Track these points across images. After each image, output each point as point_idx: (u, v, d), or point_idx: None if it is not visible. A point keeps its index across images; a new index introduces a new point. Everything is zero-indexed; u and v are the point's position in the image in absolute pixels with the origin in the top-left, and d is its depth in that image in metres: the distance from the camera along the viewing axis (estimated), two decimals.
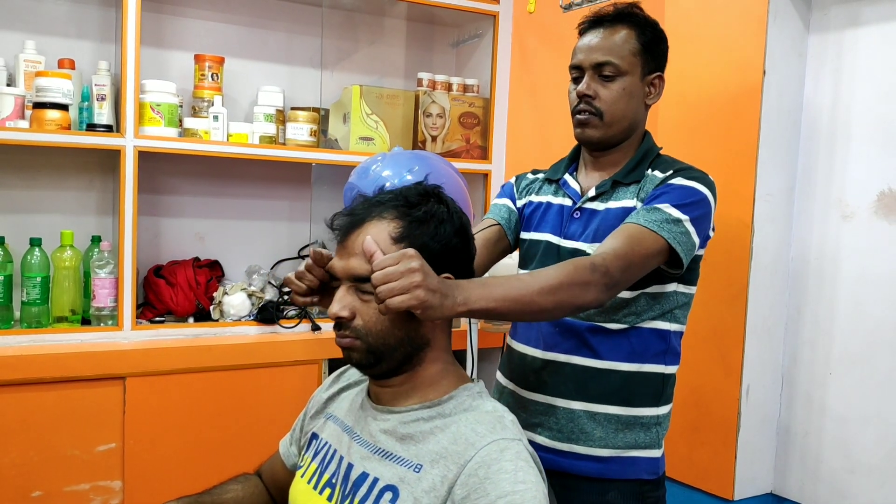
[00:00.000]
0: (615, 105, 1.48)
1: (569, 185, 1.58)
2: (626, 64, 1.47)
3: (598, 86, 1.48)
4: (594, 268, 1.28)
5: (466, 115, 2.83)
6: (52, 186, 2.49)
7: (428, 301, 1.07)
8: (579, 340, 1.49)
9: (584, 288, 1.27)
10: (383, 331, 1.14)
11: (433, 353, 1.20)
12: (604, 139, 1.51)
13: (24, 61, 2.32)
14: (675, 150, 2.06)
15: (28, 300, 2.24)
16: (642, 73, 1.50)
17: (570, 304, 1.27)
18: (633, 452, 1.48)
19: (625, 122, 1.50)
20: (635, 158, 1.53)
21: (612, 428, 1.48)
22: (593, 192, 1.52)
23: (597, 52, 1.48)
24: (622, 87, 1.48)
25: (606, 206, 1.50)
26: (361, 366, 1.19)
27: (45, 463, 2.11)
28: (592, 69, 1.48)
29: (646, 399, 1.50)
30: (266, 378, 2.38)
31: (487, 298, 1.18)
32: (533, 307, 1.23)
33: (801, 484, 1.94)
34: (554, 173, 1.63)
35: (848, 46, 1.87)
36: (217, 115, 2.46)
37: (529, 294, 1.23)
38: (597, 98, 1.48)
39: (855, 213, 1.84)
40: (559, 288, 1.25)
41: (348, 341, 1.16)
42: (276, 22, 2.80)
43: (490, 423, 1.13)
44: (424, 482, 1.09)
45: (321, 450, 1.28)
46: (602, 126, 1.49)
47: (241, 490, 1.43)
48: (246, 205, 2.79)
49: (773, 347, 1.96)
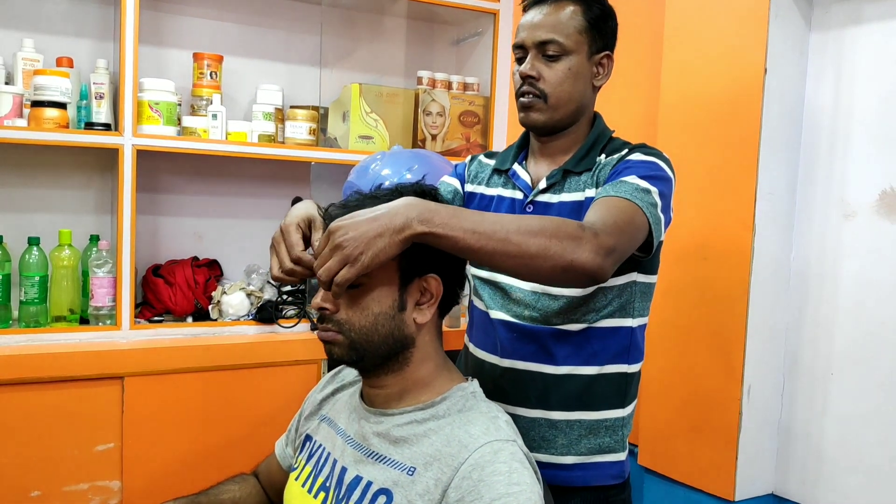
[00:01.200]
0: (560, 87, 1.40)
1: (519, 177, 1.49)
2: (571, 42, 1.39)
3: (541, 66, 1.40)
4: (582, 226, 1.15)
5: (466, 113, 2.82)
6: (50, 185, 2.48)
7: (366, 254, 1.03)
8: (538, 346, 1.41)
9: (576, 243, 1.12)
10: (366, 327, 1.14)
11: (420, 353, 1.19)
12: (549, 123, 1.43)
13: (23, 59, 2.31)
14: (676, 149, 2.05)
15: (26, 299, 2.23)
16: (589, 51, 1.41)
17: (559, 257, 1.11)
18: (597, 458, 1.42)
19: (571, 104, 1.42)
20: (586, 145, 1.45)
21: (576, 434, 1.42)
22: (544, 183, 1.44)
23: (540, 30, 1.39)
24: (567, 68, 1.39)
25: (560, 198, 1.42)
26: (344, 362, 1.18)
27: (43, 463, 2.10)
28: (536, 48, 1.40)
29: (610, 401, 1.43)
30: (265, 378, 2.37)
31: (454, 226, 1.07)
32: (509, 247, 1.09)
33: (803, 484, 1.93)
34: (502, 163, 1.53)
35: (849, 44, 1.86)
36: (216, 113, 2.45)
37: (505, 231, 1.09)
38: (541, 79, 1.40)
39: (856, 212, 1.83)
40: (543, 232, 1.11)
41: (330, 335, 1.16)
42: (275, 20, 2.79)
43: (484, 425, 1.12)
44: (418, 485, 1.09)
45: (315, 452, 1.28)
46: (547, 109, 1.41)
47: (239, 490, 1.42)
48: (245, 204, 2.78)
49: (774, 347, 1.95)
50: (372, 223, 1.04)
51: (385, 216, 1.05)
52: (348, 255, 1.04)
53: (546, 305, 1.41)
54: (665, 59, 2.11)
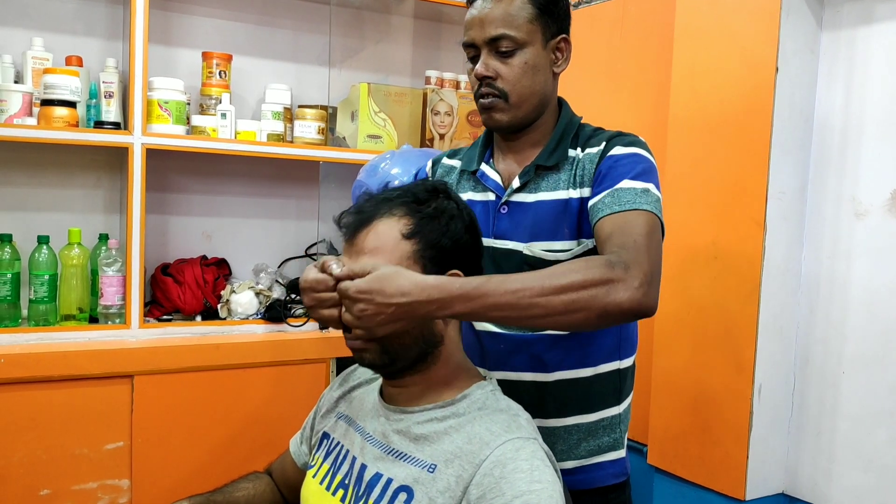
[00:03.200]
0: (519, 83, 1.32)
1: (488, 178, 1.41)
2: (523, 34, 1.31)
3: (496, 63, 1.32)
4: (611, 264, 1.10)
5: (475, 113, 2.82)
6: (59, 184, 2.48)
7: (382, 328, 1.06)
8: (528, 355, 1.37)
9: (607, 286, 1.08)
10: (398, 330, 1.13)
11: (446, 351, 1.19)
12: (514, 122, 1.36)
13: (32, 58, 2.31)
14: (686, 148, 2.06)
15: (35, 298, 2.24)
16: (544, 39, 1.34)
17: (590, 306, 1.08)
18: (597, 458, 1.40)
19: (534, 98, 1.35)
20: (555, 136, 1.37)
21: (574, 439, 1.38)
22: (517, 182, 1.37)
23: (489, 26, 1.31)
24: (524, 62, 1.32)
25: (537, 197, 1.36)
26: (375, 366, 1.18)
27: (52, 461, 2.10)
28: (487, 45, 1.32)
29: (606, 401, 1.40)
30: (274, 377, 2.37)
31: (476, 307, 1.06)
32: (536, 310, 1.06)
33: (814, 484, 1.92)
34: (468, 164, 1.45)
35: (861, 44, 1.86)
36: (225, 112, 2.45)
37: (529, 296, 1.06)
38: (498, 78, 1.32)
39: (868, 211, 1.83)
40: (570, 286, 1.07)
41: (360, 343, 1.15)
42: (283, 19, 2.79)
43: (505, 422, 1.12)
44: (439, 482, 1.08)
45: (333, 450, 1.27)
46: (510, 108, 1.34)
47: (253, 488, 1.42)
48: (253, 203, 2.78)
49: (785, 346, 1.95)
50: (394, 308, 1.04)
51: (406, 306, 1.04)
52: (366, 326, 1.06)
53: None
54: (675, 58, 2.11)
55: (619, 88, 2.36)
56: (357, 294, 1.05)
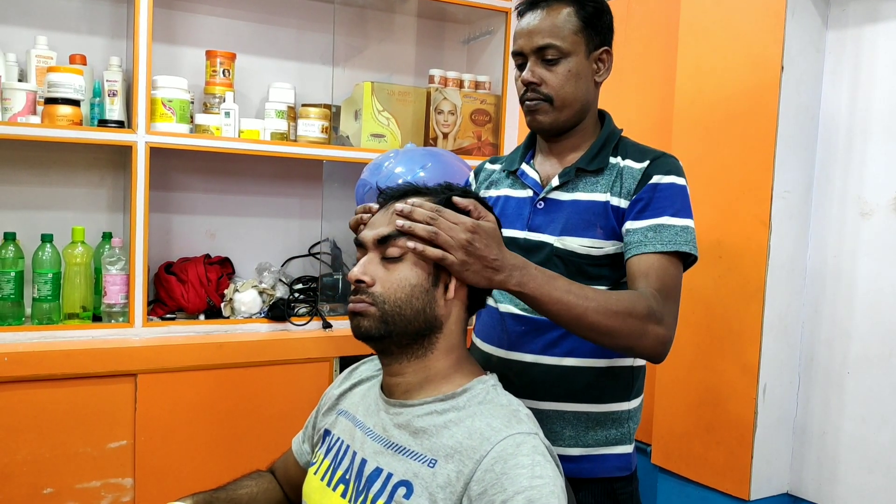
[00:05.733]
0: (563, 89, 1.42)
1: (527, 176, 1.51)
2: (568, 44, 1.41)
3: (542, 71, 1.42)
4: (650, 312, 1.27)
5: (478, 112, 2.82)
6: (63, 183, 2.48)
7: (470, 269, 1.15)
8: (547, 339, 1.44)
9: (642, 332, 1.27)
10: (401, 299, 1.14)
11: (445, 341, 1.19)
12: (556, 124, 1.46)
13: (36, 57, 2.31)
14: (692, 147, 2.05)
15: (39, 296, 2.24)
16: (587, 50, 1.44)
17: (623, 341, 1.27)
18: (603, 450, 1.44)
19: (576, 104, 1.45)
20: (597, 143, 1.47)
21: (583, 426, 1.44)
22: (556, 180, 1.46)
23: (536, 36, 1.41)
24: (568, 70, 1.42)
25: (573, 196, 1.44)
26: (370, 336, 1.17)
27: (56, 460, 2.10)
28: (534, 54, 1.42)
29: (616, 394, 1.46)
30: (277, 375, 2.37)
31: (542, 292, 1.20)
32: (584, 322, 1.23)
33: (818, 484, 1.92)
34: (510, 164, 1.56)
35: (867, 42, 1.86)
36: (228, 111, 2.45)
37: (584, 307, 1.22)
38: (543, 84, 1.42)
39: (874, 210, 1.82)
40: (617, 315, 1.24)
41: (363, 306, 1.16)
42: (287, 18, 2.79)
43: (505, 417, 1.12)
44: (439, 477, 1.08)
45: (334, 446, 1.27)
46: (553, 111, 1.44)
47: (256, 486, 1.42)
48: (257, 202, 2.78)
49: (790, 346, 1.94)
50: (493, 257, 1.17)
51: (502, 261, 1.18)
52: (462, 259, 1.15)
53: None
54: (680, 57, 2.11)
55: (624, 87, 2.35)
56: (480, 231, 1.16)
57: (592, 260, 1.42)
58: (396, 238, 1.15)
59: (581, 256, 1.41)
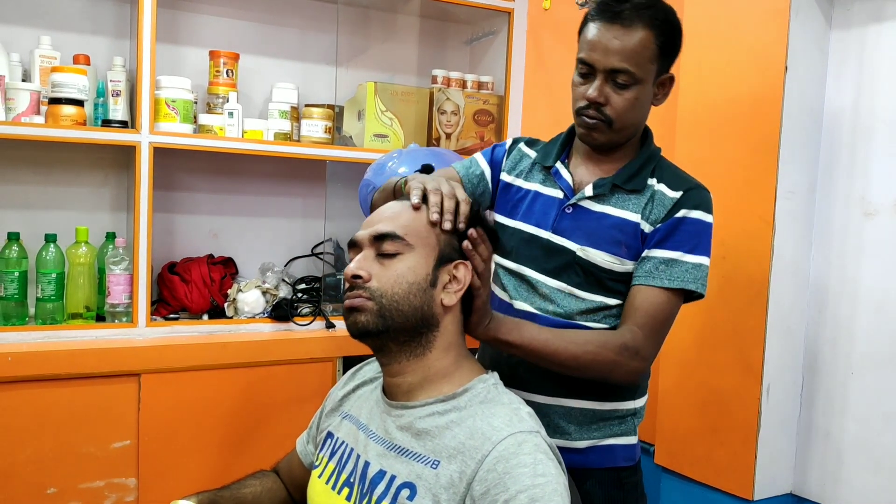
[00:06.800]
0: (626, 115, 1.41)
1: (561, 177, 1.50)
2: (642, 72, 1.39)
3: (610, 92, 1.40)
4: (625, 347, 1.34)
5: (481, 112, 2.82)
6: (66, 183, 2.48)
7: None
8: None
9: (614, 365, 1.34)
10: (399, 294, 1.14)
11: (443, 340, 1.19)
12: (609, 144, 1.46)
13: (40, 57, 2.32)
14: (696, 148, 2.05)
15: (43, 296, 2.24)
16: (655, 77, 1.43)
17: (596, 373, 1.35)
18: (609, 441, 1.48)
19: (633, 128, 1.46)
20: (637, 162, 1.47)
21: (588, 422, 1.47)
22: (590, 190, 1.46)
23: (613, 57, 1.37)
24: (635, 96, 1.40)
25: (603, 209, 1.45)
26: (367, 331, 1.16)
27: (59, 460, 2.10)
28: (605, 73, 1.39)
29: (623, 393, 1.49)
30: (281, 375, 2.37)
31: (517, 335, 1.29)
32: (556, 359, 1.32)
33: (822, 484, 1.92)
34: (545, 158, 1.54)
35: (871, 42, 1.85)
36: (232, 111, 2.45)
37: (554, 347, 1.31)
38: (607, 105, 1.40)
39: (878, 210, 1.82)
40: (586, 355, 1.32)
41: (360, 300, 1.15)
42: (290, 18, 2.79)
43: (506, 416, 1.12)
44: (442, 478, 1.09)
45: (338, 449, 1.27)
46: (609, 132, 1.43)
47: (260, 485, 1.42)
48: (260, 202, 2.78)
49: (793, 347, 1.94)
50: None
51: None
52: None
53: (571, 304, 1.45)
54: (684, 57, 2.08)
55: None
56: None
57: (613, 274, 1.44)
58: (394, 237, 1.16)
59: (603, 270, 1.43)
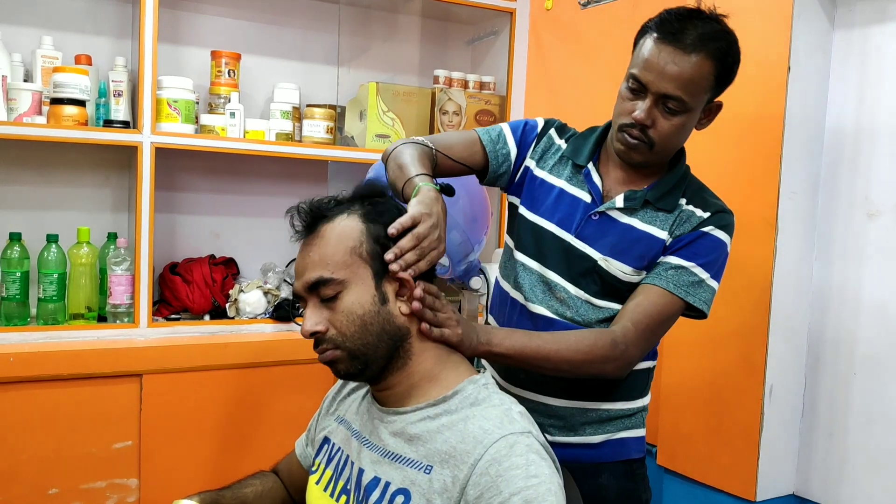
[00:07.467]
0: (670, 140, 1.40)
1: (592, 181, 1.48)
2: (694, 101, 1.37)
3: (658, 116, 1.37)
4: (615, 345, 1.35)
5: (483, 112, 2.82)
6: (68, 183, 2.48)
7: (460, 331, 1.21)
8: None
9: (604, 362, 1.36)
10: (358, 331, 1.14)
11: (418, 344, 1.19)
12: (646, 163, 1.45)
13: (42, 57, 2.31)
14: (699, 149, 2.04)
15: (44, 297, 2.24)
16: (705, 105, 1.42)
17: (586, 372, 1.37)
18: (622, 434, 1.51)
19: (673, 150, 1.45)
20: (671, 181, 1.46)
21: (598, 421, 1.50)
22: (620, 202, 1.44)
23: (669, 83, 1.34)
24: (682, 123, 1.39)
25: (630, 221, 1.44)
26: (351, 375, 1.18)
27: (61, 460, 2.10)
28: (657, 96, 1.36)
29: (632, 394, 1.52)
30: (282, 376, 2.37)
31: (508, 345, 1.30)
32: (547, 364, 1.34)
33: (825, 485, 1.91)
34: (576, 155, 1.51)
35: (873, 43, 1.85)
36: (233, 111, 2.45)
37: (545, 353, 1.32)
38: (653, 127, 1.38)
39: (881, 211, 1.82)
40: (576, 356, 1.34)
41: (330, 354, 1.16)
42: (292, 18, 2.79)
43: (497, 419, 1.11)
44: (436, 483, 1.08)
45: (334, 456, 1.27)
46: (649, 153, 1.42)
47: (261, 485, 1.43)
48: (262, 202, 2.78)
49: (796, 347, 1.94)
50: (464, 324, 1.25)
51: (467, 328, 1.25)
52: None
53: (588, 312, 1.47)
54: None
55: None
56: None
57: (630, 285, 1.45)
58: (325, 281, 1.15)
59: (621, 281, 1.45)
